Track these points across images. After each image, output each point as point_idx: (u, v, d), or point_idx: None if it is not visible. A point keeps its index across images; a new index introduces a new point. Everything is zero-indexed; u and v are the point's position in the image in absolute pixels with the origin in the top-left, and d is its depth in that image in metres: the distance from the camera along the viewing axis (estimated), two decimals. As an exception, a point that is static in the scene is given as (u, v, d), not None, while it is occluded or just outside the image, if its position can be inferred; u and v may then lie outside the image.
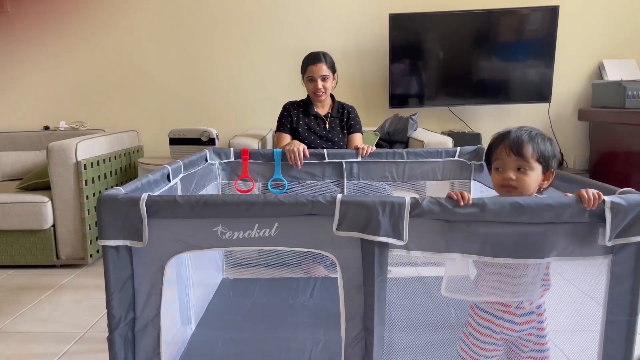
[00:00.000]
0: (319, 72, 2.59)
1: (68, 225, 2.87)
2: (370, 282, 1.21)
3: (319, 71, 2.59)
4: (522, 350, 1.35)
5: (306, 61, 2.64)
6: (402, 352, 1.76)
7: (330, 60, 2.64)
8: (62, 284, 2.69)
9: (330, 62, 2.63)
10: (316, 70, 2.59)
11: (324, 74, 2.60)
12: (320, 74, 2.59)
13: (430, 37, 3.44)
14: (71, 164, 2.81)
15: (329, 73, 2.62)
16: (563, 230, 1.17)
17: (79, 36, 3.70)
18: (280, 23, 3.64)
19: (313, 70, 2.60)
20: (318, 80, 2.60)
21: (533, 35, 3.41)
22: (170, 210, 1.24)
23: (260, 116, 3.69)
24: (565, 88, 3.66)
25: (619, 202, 1.15)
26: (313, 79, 2.61)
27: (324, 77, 2.61)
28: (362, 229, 1.19)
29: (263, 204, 1.22)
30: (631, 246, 1.16)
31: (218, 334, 1.96)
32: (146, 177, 1.55)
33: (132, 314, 1.31)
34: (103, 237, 1.25)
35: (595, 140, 3.57)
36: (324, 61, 2.60)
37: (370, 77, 3.67)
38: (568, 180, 1.52)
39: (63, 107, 3.78)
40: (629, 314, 1.20)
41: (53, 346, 2.02)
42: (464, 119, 3.67)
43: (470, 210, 1.15)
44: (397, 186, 2.40)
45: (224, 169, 2.40)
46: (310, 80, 2.63)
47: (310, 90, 2.66)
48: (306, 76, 2.64)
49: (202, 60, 3.70)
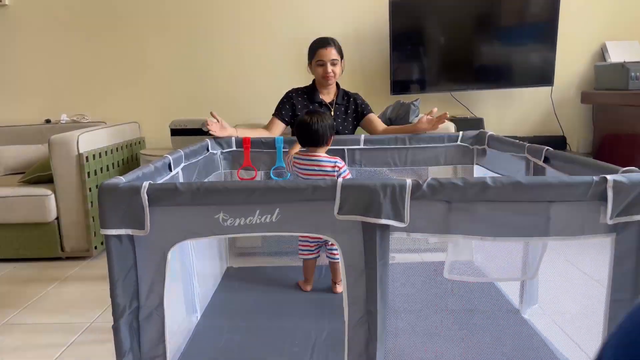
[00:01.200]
0: (329, 56, 2.54)
1: (72, 217, 2.88)
2: (372, 265, 1.21)
3: (329, 55, 2.55)
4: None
5: (315, 45, 2.60)
6: (406, 335, 1.77)
7: (339, 46, 2.60)
8: (67, 276, 2.70)
9: (338, 47, 2.59)
10: (326, 54, 2.55)
11: (333, 57, 2.55)
12: (330, 58, 2.55)
13: (431, 22, 3.41)
14: (73, 156, 2.81)
15: (337, 57, 2.58)
16: (564, 209, 1.17)
17: (79, 29, 3.69)
18: (280, 11, 3.62)
19: (323, 54, 2.55)
20: (328, 64, 2.55)
21: (535, 18, 3.37)
22: (171, 198, 1.24)
23: (261, 105, 3.67)
24: (567, 71, 3.63)
25: (621, 181, 1.14)
26: (323, 63, 2.56)
27: (334, 62, 2.56)
28: (363, 212, 1.18)
29: (264, 190, 1.22)
30: (634, 224, 1.16)
31: (223, 323, 1.97)
32: (147, 167, 1.55)
33: (136, 302, 1.32)
34: (105, 226, 1.25)
35: (599, 122, 3.55)
36: (334, 45, 2.57)
37: (371, 63, 3.65)
38: (570, 160, 1.51)
39: (64, 99, 3.78)
40: (632, 292, 1.20)
41: (60, 337, 2.04)
42: (466, 104, 3.65)
43: (472, 190, 1.15)
44: (400, 172, 2.40)
45: (225, 159, 2.40)
46: (319, 64, 2.57)
47: (319, 75, 2.60)
48: (315, 60, 2.58)
49: (202, 51, 3.69)
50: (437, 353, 1.68)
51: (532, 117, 3.71)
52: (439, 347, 1.72)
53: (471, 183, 1.16)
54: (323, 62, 2.56)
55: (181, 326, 1.89)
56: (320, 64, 2.57)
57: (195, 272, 2.00)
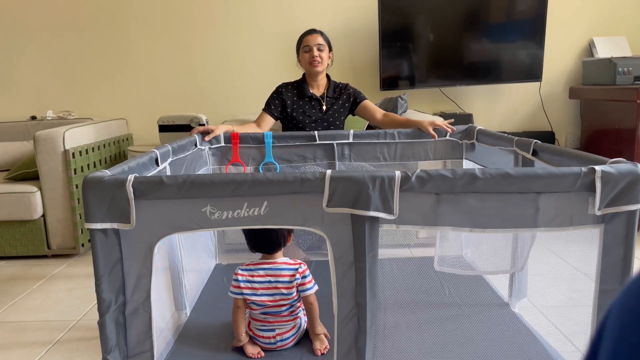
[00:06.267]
0: (314, 41, 2.53)
1: (58, 214, 2.84)
2: (361, 257, 1.20)
3: (315, 40, 2.53)
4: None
5: (301, 35, 2.60)
6: (396, 330, 1.77)
7: (326, 37, 2.59)
8: (53, 274, 2.67)
9: (326, 37, 2.58)
10: (312, 39, 2.53)
11: (319, 42, 2.54)
12: (316, 43, 2.53)
13: (420, 18, 3.41)
14: (59, 152, 2.78)
15: (324, 43, 2.56)
16: (553, 200, 1.17)
17: (65, 24, 3.64)
18: (268, 5, 3.59)
19: (308, 40, 2.54)
20: (314, 48, 2.52)
21: (523, 14, 3.38)
22: (157, 191, 1.22)
23: (250, 101, 3.65)
24: (556, 66, 3.64)
25: (609, 171, 1.14)
26: (309, 49, 2.53)
27: (320, 47, 2.54)
28: (352, 204, 1.18)
29: (251, 183, 1.20)
30: (622, 215, 1.16)
31: (212, 320, 1.95)
32: (133, 160, 1.53)
33: (122, 297, 1.30)
34: (90, 220, 1.23)
35: (586, 118, 3.57)
36: (320, 34, 2.56)
37: (360, 59, 3.64)
38: (558, 153, 1.51)
39: (50, 96, 3.72)
40: (620, 283, 1.20)
41: (45, 335, 2.01)
42: (455, 100, 3.65)
43: (460, 182, 1.14)
44: (388, 167, 2.39)
45: (214, 154, 2.37)
46: (305, 50, 2.55)
47: (306, 62, 2.56)
48: (302, 47, 2.57)
49: (190, 46, 3.66)
50: (426, 347, 1.68)
51: (520, 113, 3.72)
52: (429, 341, 1.71)
53: (460, 174, 1.15)
54: (309, 47, 2.54)
55: (170, 322, 1.87)
56: (306, 49, 2.55)
57: (184, 268, 1.98)
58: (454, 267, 1.35)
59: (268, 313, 1.68)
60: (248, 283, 1.66)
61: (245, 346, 1.69)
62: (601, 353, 0.40)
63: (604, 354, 0.39)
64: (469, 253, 2.41)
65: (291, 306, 1.69)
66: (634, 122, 2.96)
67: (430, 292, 2.11)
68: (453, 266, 1.37)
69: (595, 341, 0.41)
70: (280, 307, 1.67)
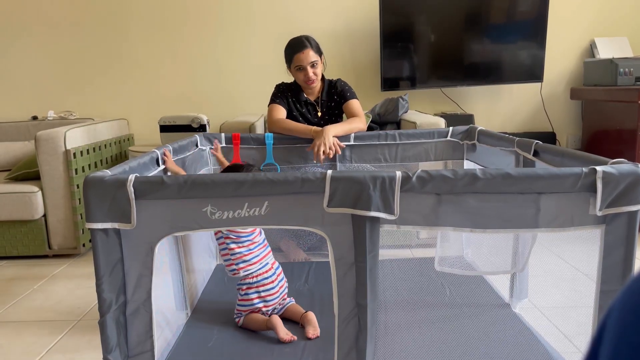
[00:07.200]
0: (307, 60, 2.40)
1: (59, 214, 2.85)
2: (362, 258, 1.20)
3: (307, 58, 2.40)
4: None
5: (290, 50, 2.46)
6: (397, 330, 1.77)
7: (315, 44, 2.47)
8: (54, 274, 2.67)
9: (315, 46, 2.46)
10: (304, 58, 2.40)
11: (312, 60, 2.41)
12: (309, 61, 2.40)
13: (421, 18, 3.41)
14: (60, 152, 2.78)
15: (317, 58, 2.44)
16: (554, 200, 1.17)
17: (66, 24, 3.64)
18: (268, 6, 3.60)
19: (300, 59, 2.41)
20: (307, 68, 2.41)
21: (524, 15, 3.39)
22: (158, 191, 1.22)
23: (250, 102, 3.65)
24: (557, 67, 3.64)
25: (610, 172, 1.14)
26: (302, 68, 2.42)
27: (313, 64, 2.43)
28: (352, 204, 1.18)
29: (252, 183, 1.20)
30: (623, 215, 1.16)
31: (213, 320, 1.95)
32: (134, 160, 1.53)
33: (123, 297, 1.30)
34: (90, 220, 1.23)
35: (588, 118, 3.57)
36: (310, 46, 2.42)
37: (361, 60, 3.64)
38: (559, 153, 1.51)
39: (51, 96, 3.73)
40: (621, 283, 1.20)
41: (46, 334, 2.01)
42: (456, 101, 3.65)
43: (461, 182, 1.14)
44: (389, 168, 2.39)
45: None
46: (298, 69, 2.44)
47: (300, 80, 2.49)
48: (293, 66, 2.45)
49: (191, 47, 3.66)
50: (427, 348, 1.68)
51: (521, 113, 3.72)
52: (429, 341, 1.71)
53: (460, 175, 1.15)
54: (302, 66, 2.43)
55: (170, 322, 1.87)
56: (299, 68, 2.45)
57: (185, 269, 1.98)
58: (455, 267, 1.35)
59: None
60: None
61: (277, 330, 1.75)
62: (602, 353, 0.40)
63: (605, 354, 0.39)
64: (470, 253, 2.41)
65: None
66: (635, 123, 2.96)
67: (431, 292, 2.10)
68: (454, 266, 1.36)
69: (596, 341, 0.41)
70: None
